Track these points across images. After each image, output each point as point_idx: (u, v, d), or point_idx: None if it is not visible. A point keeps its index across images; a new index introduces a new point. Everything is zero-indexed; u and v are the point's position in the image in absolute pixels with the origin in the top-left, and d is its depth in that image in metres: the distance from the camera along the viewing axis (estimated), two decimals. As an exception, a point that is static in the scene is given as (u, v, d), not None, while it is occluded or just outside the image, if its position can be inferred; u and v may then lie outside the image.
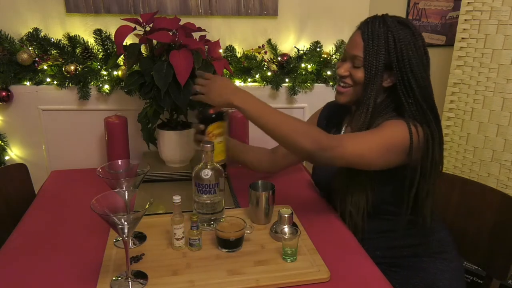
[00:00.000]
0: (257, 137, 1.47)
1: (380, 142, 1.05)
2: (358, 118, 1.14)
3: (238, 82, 1.71)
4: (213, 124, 1.18)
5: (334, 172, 1.20)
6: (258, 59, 1.70)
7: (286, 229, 1.09)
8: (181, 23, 1.36)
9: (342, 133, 1.28)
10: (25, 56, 1.51)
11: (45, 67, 1.56)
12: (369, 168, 1.08)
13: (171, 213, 1.04)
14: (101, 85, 1.59)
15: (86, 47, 1.57)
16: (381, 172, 1.10)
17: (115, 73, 1.59)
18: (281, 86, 1.72)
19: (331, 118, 1.34)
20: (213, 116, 1.18)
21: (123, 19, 1.34)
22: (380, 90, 1.11)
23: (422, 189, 1.12)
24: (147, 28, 1.33)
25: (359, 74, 1.12)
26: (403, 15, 2.04)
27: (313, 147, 1.01)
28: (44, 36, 1.56)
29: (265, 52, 1.73)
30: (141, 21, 1.32)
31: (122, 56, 1.48)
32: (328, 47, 1.78)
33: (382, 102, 1.14)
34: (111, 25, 1.60)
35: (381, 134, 1.07)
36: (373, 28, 1.09)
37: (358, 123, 1.13)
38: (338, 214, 1.23)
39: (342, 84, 1.17)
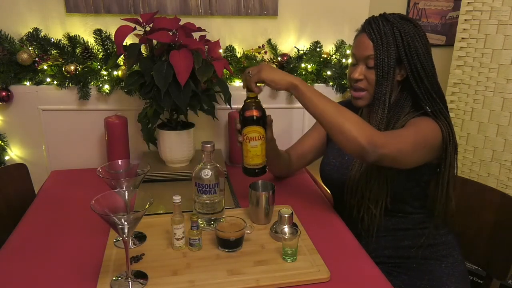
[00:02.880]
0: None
1: (417, 139, 1.06)
2: (375, 115, 1.15)
3: (238, 82, 1.71)
4: (249, 127, 1.13)
5: (350, 168, 1.20)
6: (258, 59, 1.70)
7: (286, 229, 1.09)
8: (181, 23, 1.36)
9: None
10: (25, 56, 1.51)
11: (45, 67, 1.56)
12: (404, 167, 1.08)
13: (171, 213, 1.04)
14: (101, 85, 1.59)
15: (86, 47, 1.57)
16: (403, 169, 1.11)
17: (115, 73, 1.58)
18: (281, 86, 1.71)
19: None
20: (252, 119, 1.13)
21: (123, 19, 1.34)
22: (394, 86, 1.13)
23: (450, 177, 1.15)
24: (147, 28, 1.33)
25: (374, 74, 1.13)
26: (403, 15, 2.04)
27: (366, 142, 0.98)
28: (44, 36, 1.56)
29: (265, 52, 1.72)
30: (141, 21, 1.32)
31: (122, 56, 1.48)
32: (328, 47, 1.77)
33: (399, 97, 1.16)
34: (111, 25, 1.60)
35: (416, 131, 1.08)
36: (378, 27, 1.11)
37: (375, 120, 1.14)
38: (354, 211, 1.19)
39: (357, 89, 1.17)
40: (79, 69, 1.57)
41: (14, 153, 1.65)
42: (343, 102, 1.42)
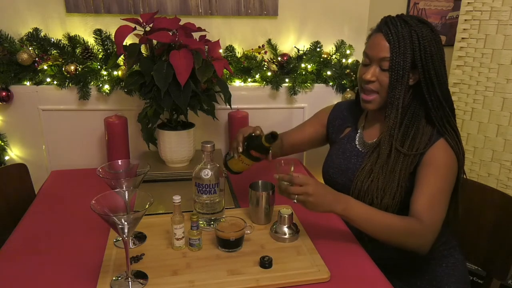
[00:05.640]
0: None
1: (447, 193, 1.09)
2: (388, 120, 1.13)
3: (238, 82, 1.71)
4: (248, 159, 1.13)
5: (356, 174, 1.19)
6: (258, 59, 1.70)
7: (285, 229, 1.09)
8: (181, 23, 1.36)
9: (358, 134, 1.27)
10: (25, 56, 1.51)
11: (45, 67, 1.56)
12: None
13: (171, 213, 1.04)
14: (101, 85, 1.59)
15: (86, 47, 1.57)
16: (413, 178, 1.12)
17: (115, 73, 1.58)
18: (281, 86, 1.72)
19: (344, 118, 1.34)
20: (254, 158, 1.13)
21: (123, 19, 1.34)
22: (406, 90, 1.11)
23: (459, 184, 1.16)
24: (147, 28, 1.33)
25: (387, 77, 1.10)
26: (403, 15, 2.03)
27: (424, 245, 1.04)
28: (44, 36, 1.56)
29: (265, 52, 1.72)
30: (141, 21, 1.32)
31: (122, 56, 1.48)
32: (328, 47, 1.77)
33: (410, 101, 1.13)
34: (111, 25, 1.60)
35: (442, 187, 1.08)
36: (396, 28, 1.08)
37: (388, 125, 1.13)
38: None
39: (367, 91, 1.14)
40: (79, 69, 1.57)
41: (14, 153, 1.65)
42: (344, 103, 1.41)
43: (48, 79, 1.58)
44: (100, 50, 1.59)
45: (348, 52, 1.77)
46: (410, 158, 1.11)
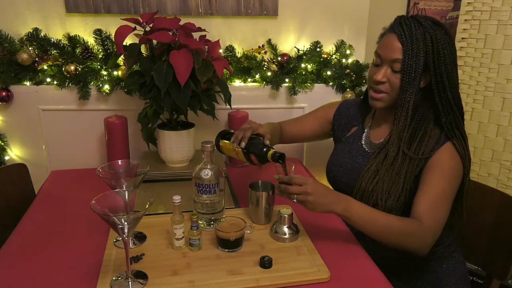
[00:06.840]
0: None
1: (450, 196, 1.08)
2: (397, 122, 1.12)
3: (238, 82, 1.71)
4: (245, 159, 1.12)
5: (361, 174, 1.18)
6: (258, 59, 1.70)
7: (285, 228, 1.09)
8: (181, 23, 1.36)
9: (365, 133, 1.27)
10: (25, 56, 1.51)
11: (45, 67, 1.56)
12: None
13: (171, 213, 1.04)
14: (101, 85, 1.59)
15: (86, 47, 1.57)
16: (418, 180, 1.11)
17: (115, 73, 1.58)
18: (281, 86, 1.72)
19: (351, 117, 1.34)
20: (252, 162, 1.11)
21: (123, 19, 1.34)
22: (417, 92, 1.09)
23: (464, 190, 1.16)
24: (147, 28, 1.33)
25: (398, 79, 1.09)
26: (403, 15, 2.03)
27: (424, 247, 1.04)
28: (44, 36, 1.56)
29: (265, 52, 1.72)
30: (141, 21, 1.32)
31: (122, 56, 1.48)
32: (328, 47, 1.77)
33: (420, 104, 1.12)
34: (111, 25, 1.60)
35: (447, 186, 1.07)
36: (410, 30, 1.06)
37: (398, 127, 1.12)
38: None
39: (377, 90, 1.13)
40: (79, 69, 1.57)
41: (14, 153, 1.65)
42: (350, 101, 1.40)
43: (48, 79, 1.58)
44: (100, 50, 1.59)
45: (348, 52, 1.77)
46: (416, 161, 1.11)
